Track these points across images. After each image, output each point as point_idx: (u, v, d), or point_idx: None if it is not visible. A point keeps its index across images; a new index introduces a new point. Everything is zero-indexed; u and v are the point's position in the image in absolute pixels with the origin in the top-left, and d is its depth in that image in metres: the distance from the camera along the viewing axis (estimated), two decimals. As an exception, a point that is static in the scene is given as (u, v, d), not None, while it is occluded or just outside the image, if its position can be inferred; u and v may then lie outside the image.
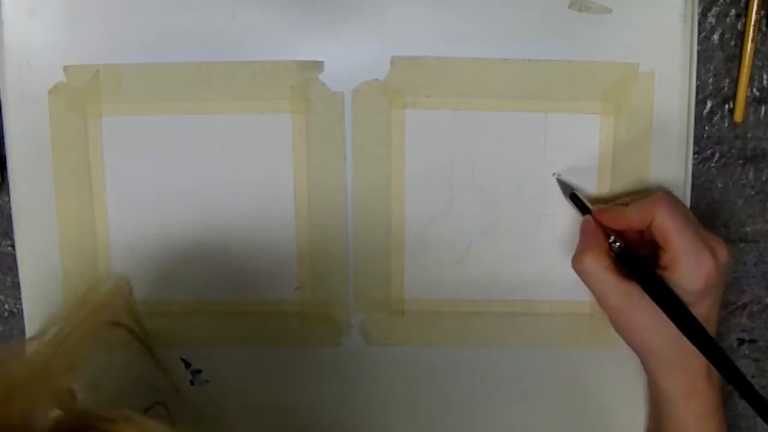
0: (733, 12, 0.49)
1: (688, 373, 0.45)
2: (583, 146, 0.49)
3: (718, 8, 0.49)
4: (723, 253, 0.43)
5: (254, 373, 0.51)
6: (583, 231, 0.46)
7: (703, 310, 0.43)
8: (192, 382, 0.51)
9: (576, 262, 0.45)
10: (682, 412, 0.45)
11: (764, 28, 0.49)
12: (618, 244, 0.45)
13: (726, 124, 0.50)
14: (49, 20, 0.48)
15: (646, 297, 0.43)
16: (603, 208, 0.46)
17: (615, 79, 0.48)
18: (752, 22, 0.49)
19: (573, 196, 0.48)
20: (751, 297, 0.52)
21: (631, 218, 0.44)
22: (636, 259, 0.44)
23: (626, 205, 0.45)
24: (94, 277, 0.50)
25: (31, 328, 0.50)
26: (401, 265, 0.50)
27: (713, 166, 0.51)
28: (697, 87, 0.49)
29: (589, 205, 0.47)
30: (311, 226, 0.50)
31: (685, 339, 0.42)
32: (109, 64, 0.48)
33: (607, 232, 0.45)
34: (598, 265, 0.44)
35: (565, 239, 0.49)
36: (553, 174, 0.49)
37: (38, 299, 0.50)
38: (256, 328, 0.51)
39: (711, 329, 0.44)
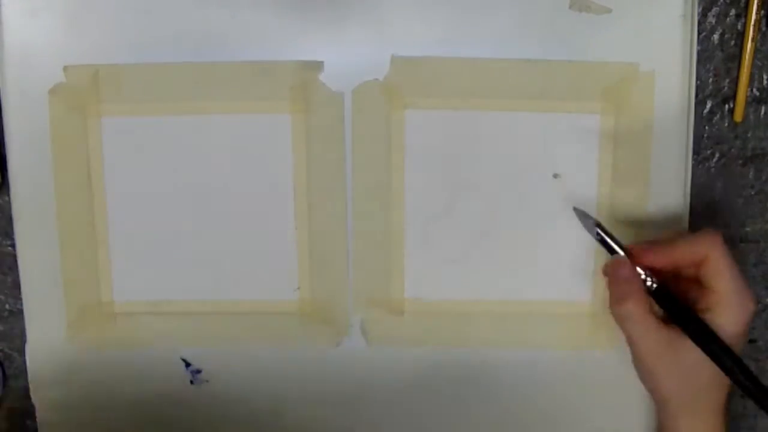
0: (733, 12, 0.49)
1: (707, 414, 0.44)
2: (583, 146, 0.49)
3: (718, 8, 0.49)
4: (754, 296, 0.43)
5: (254, 373, 0.51)
6: (617, 273, 0.44)
7: (737, 351, 0.42)
8: (192, 382, 0.51)
9: (617, 306, 0.43)
10: None
11: (764, 28, 0.49)
12: (652, 282, 0.43)
13: (726, 124, 0.50)
14: (49, 20, 0.48)
15: (687, 341, 0.42)
16: (643, 247, 0.44)
17: (615, 79, 0.48)
18: (752, 22, 0.49)
19: (599, 234, 0.44)
20: (751, 297, 0.52)
21: (680, 256, 0.43)
22: (675, 300, 0.43)
23: (664, 241, 0.43)
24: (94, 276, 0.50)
25: (31, 327, 0.50)
26: (401, 265, 0.50)
27: (713, 166, 0.51)
28: (697, 87, 0.49)
29: (618, 245, 0.44)
30: (311, 225, 0.50)
31: (714, 382, 0.42)
32: (109, 64, 0.48)
33: (641, 269, 0.43)
34: (641, 309, 0.42)
35: (565, 239, 0.49)
36: (554, 174, 0.49)
37: (38, 299, 0.50)
38: (256, 328, 0.51)
39: None
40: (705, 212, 0.51)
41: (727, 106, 0.50)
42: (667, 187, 0.49)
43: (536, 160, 0.49)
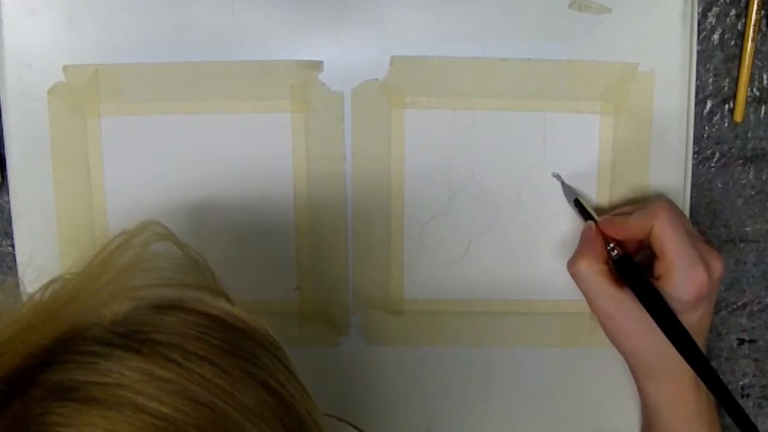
0: (733, 12, 0.49)
1: (673, 380, 0.45)
2: (582, 146, 0.49)
3: (718, 8, 0.49)
4: (717, 267, 0.44)
5: (254, 373, 0.51)
6: (584, 236, 0.47)
7: (693, 320, 0.43)
8: (191, 382, 0.51)
9: (571, 265, 0.46)
10: (668, 417, 0.46)
11: (764, 28, 0.49)
12: (616, 252, 0.45)
13: (726, 124, 0.50)
14: (49, 20, 0.48)
15: (637, 304, 0.44)
16: (608, 219, 0.46)
17: (614, 79, 0.48)
18: (752, 22, 0.48)
19: (576, 202, 0.48)
20: (751, 297, 0.52)
21: (633, 228, 0.45)
22: (632, 266, 0.45)
23: (629, 214, 0.46)
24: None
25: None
26: (401, 265, 0.50)
27: (713, 166, 0.51)
28: (697, 87, 0.49)
29: (592, 212, 0.47)
30: (311, 225, 0.50)
31: (672, 347, 0.43)
32: (109, 63, 0.48)
33: (607, 239, 0.46)
34: (593, 270, 0.45)
35: (565, 239, 0.49)
36: (554, 174, 0.49)
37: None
38: (256, 328, 0.51)
39: (701, 339, 0.44)
40: (705, 212, 0.51)
41: (727, 106, 0.50)
42: (667, 187, 0.49)
43: (536, 160, 0.49)
